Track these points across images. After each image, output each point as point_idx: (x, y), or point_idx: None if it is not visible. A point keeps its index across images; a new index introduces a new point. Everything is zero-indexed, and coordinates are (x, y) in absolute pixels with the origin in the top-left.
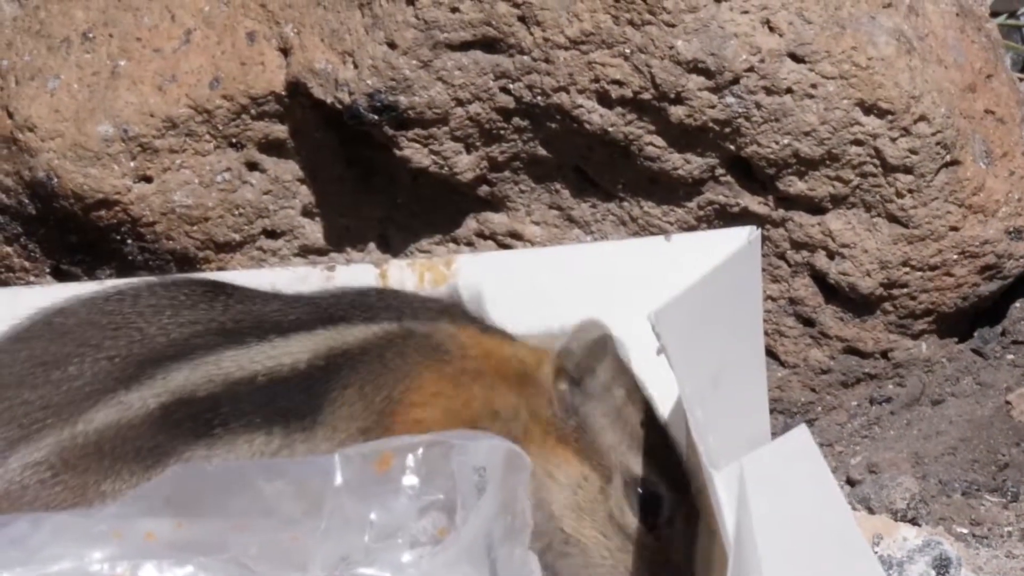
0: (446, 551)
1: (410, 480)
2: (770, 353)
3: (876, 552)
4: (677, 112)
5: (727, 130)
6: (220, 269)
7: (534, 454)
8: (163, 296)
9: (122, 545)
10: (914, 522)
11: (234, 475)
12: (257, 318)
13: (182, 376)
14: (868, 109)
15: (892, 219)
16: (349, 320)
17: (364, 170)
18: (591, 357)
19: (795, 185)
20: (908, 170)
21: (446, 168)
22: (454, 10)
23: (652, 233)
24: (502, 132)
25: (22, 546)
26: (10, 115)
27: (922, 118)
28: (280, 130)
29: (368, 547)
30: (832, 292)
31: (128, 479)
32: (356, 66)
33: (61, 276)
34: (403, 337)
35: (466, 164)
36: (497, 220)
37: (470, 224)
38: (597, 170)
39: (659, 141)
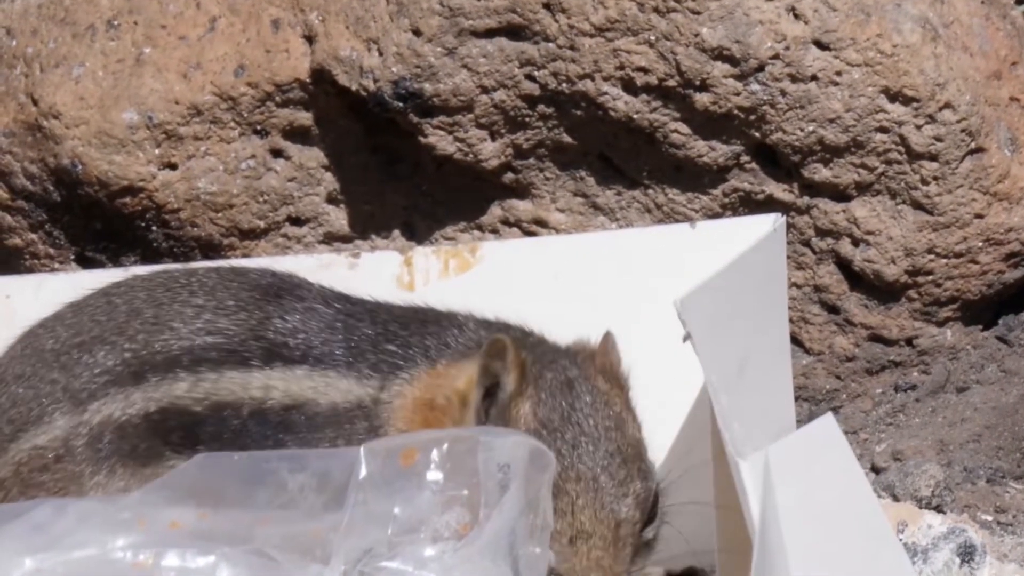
0: (468, 546)
1: (434, 475)
2: (795, 340)
3: (901, 539)
4: (702, 99)
5: (752, 117)
6: (244, 256)
7: None
8: (215, 294)
9: (146, 533)
10: (939, 509)
11: (259, 466)
12: (275, 342)
13: (185, 386)
14: (893, 96)
15: (917, 206)
16: (346, 369)
17: (389, 157)
18: (496, 369)
19: (820, 172)
20: (933, 157)
21: (471, 155)
22: None
23: (677, 220)
24: (527, 119)
25: (46, 532)
26: (35, 102)
27: (947, 105)
28: (305, 117)
29: (391, 541)
30: (857, 279)
31: (120, 475)
32: (381, 53)
33: (86, 263)
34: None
35: (491, 151)
36: (522, 207)
37: (495, 211)
38: (622, 157)
39: (684, 128)
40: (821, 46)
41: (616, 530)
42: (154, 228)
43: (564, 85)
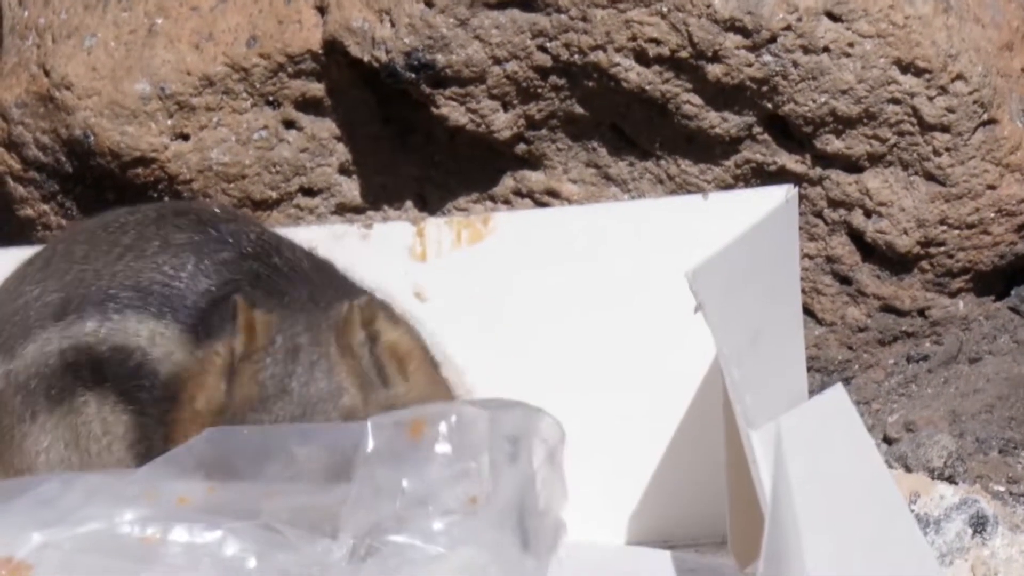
0: (477, 519)
1: (443, 448)
2: (807, 311)
3: (913, 510)
4: (714, 70)
5: (764, 88)
6: None
7: None
8: (143, 234)
9: (153, 507)
10: (951, 480)
11: (268, 440)
12: (180, 291)
13: (92, 325)
14: (905, 68)
15: (929, 177)
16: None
17: (401, 128)
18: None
19: (832, 143)
20: (945, 128)
21: (483, 126)
22: None
23: (689, 191)
24: (539, 90)
25: (53, 506)
26: (47, 73)
27: (959, 77)
28: (317, 88)
29: (399, 514)
30: (869, 250)
31: (41, 419)
32: (393, 24)
33: None
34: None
35: (503, 122)
36: (534, 178)
37: (507, 182)
38: (634, 128)
39: (696, 99)
40: (833, 17)
41: None
42: (166, 199)
43: (576, 56)
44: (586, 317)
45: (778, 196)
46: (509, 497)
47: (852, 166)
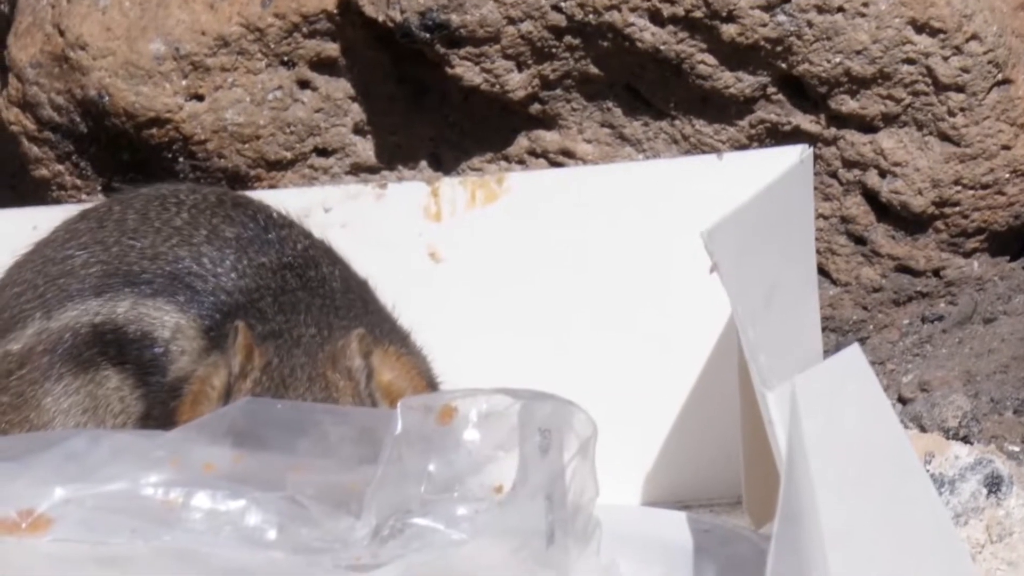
0: (502, 508)
1: (471, 435)
2: (822, 271)
3: (928, 470)
4: (729, 30)
5: (779, 48)
6: (271, 187)
7: None
8: (196, 221)
9: (179, 471)
10: (966, 440)
11: (303, 415)
12: (210, 289)
13: (126, 305)
14: (920, 28)
15: (944, 138)
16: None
17: (416, 88)
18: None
19: (847, 104)
20: (960, 89)
21: (498, 86)
22: None
23: (704, 151)
24: (554, 50)
25: (78, 462)
26: (62, 33)
27: (974, 37)
28: (332, 48)
29: (424, 498)
30: (884, 210)
31: (65, 381)
32: None
33: (112, 194)
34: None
35: (518, 82)
36: (549, 138)
37: (522, 142)
38: (649, 88)
39: (711, 59)
40: None
41: None
42: (181, 159)
43: (591, 16)
44: (601, 277)
45: (793, 156)
46: (536, 488)
47: (867, 126)
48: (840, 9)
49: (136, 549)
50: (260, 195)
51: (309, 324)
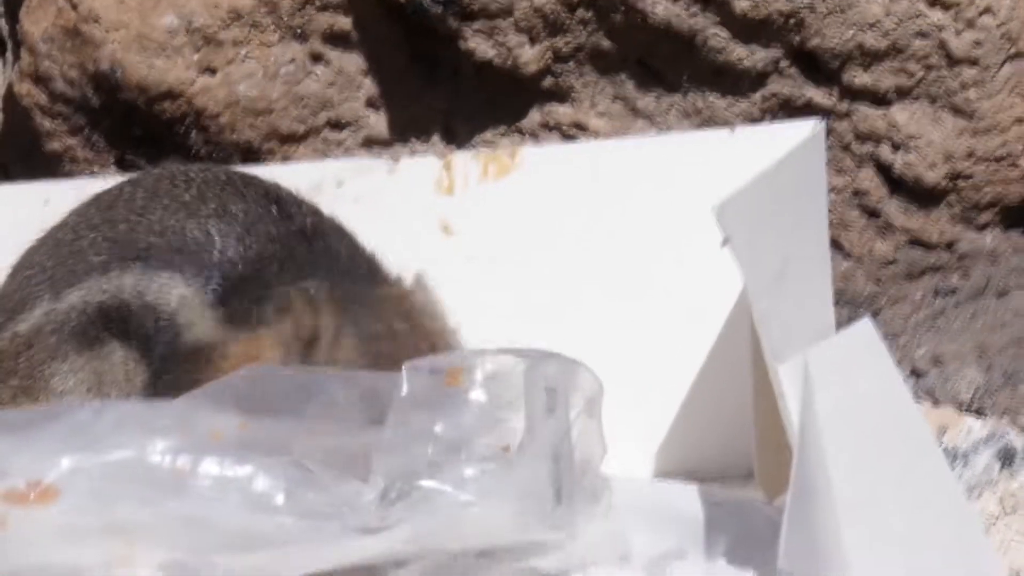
0: (509, 468)
1: (478, 396)
2: (835, 245)
3: (941, 444)
4: (741, 4)
5: (791, 22)
6: (285, 160)
7: None
8: (203, 196)
9: (185, 439)
10: (979, 413)
11: (309, 381)
12: (217, 260)
13: (131, 280)
14: (933, 1)
15: (957, 111)
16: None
17: (428, 62)
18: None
19: (860, 77)
20: (973, 62)
21: (510, 60)
22: None
23: (717, 125)
24: (566, 23)
25: (84, 433)
26: (74, 7)
27: (987, 10)
28: (344, 22)
29: (431, 460)
30: (897, 184)
31: (71, 359)
32: None
33: (125, 167)
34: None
35: (530, 56)
36: (562, 111)
37: (535, 116)
38: (662, 62)
39: (723, 33)
40: None
41: None
42: (193, 133)
43: None
44: (613, 250)
45: (805, 130)
46: (543, 447)
47: (879, 100)
48: None
49: (144, 517)
50: (272, 169)
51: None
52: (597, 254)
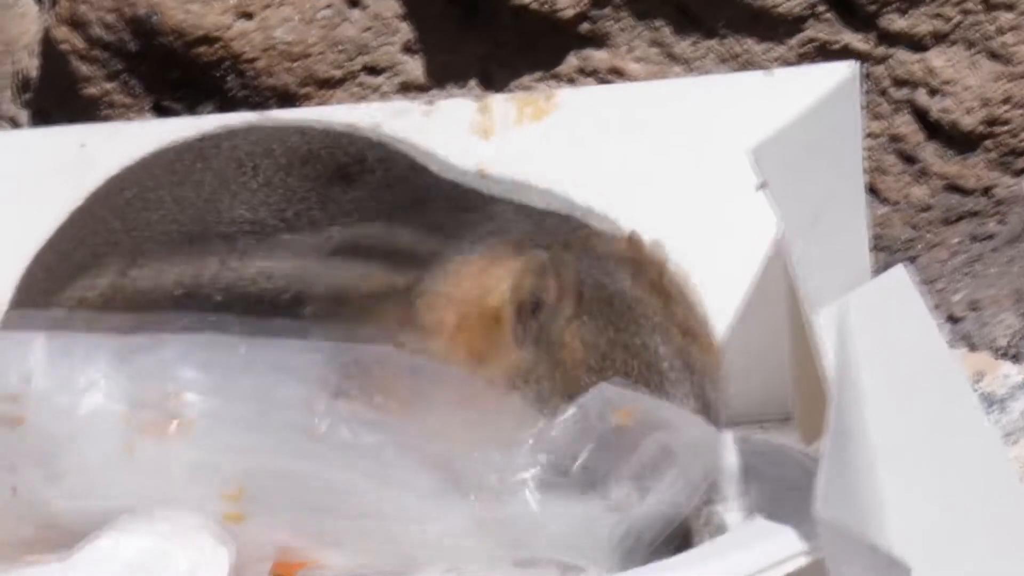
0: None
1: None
2: (871, 190)
3: (977, 389)
4: None
5: None
6: (321, 105)
7: None
8: (271, 181)
9: (323, 399)
10: (1016, 359)
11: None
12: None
13: (213, 270)
14: None
15: (993, 56)
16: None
17: (465, 7)
18: (533, 287)
19: (896, 22)
20: (1009, 7)
21: (547, 5)
22: None
23: (753, 70)
24: None
25: (223, 370)
26: None
27: None
28: None
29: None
30: (934, 129)
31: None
32: None
33: (162, 112)
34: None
35: (567, 1)
36: (598, 57)
37: (571, 61)
38: (699, 7)
39: None
40: None
41: None
42: (230, 78)
43: None
44: (648, 193)
45: (841, 72)
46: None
47: (917, 45)
48: None
49: (274, 465)
50: (308, 112)
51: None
52: (632, 197)
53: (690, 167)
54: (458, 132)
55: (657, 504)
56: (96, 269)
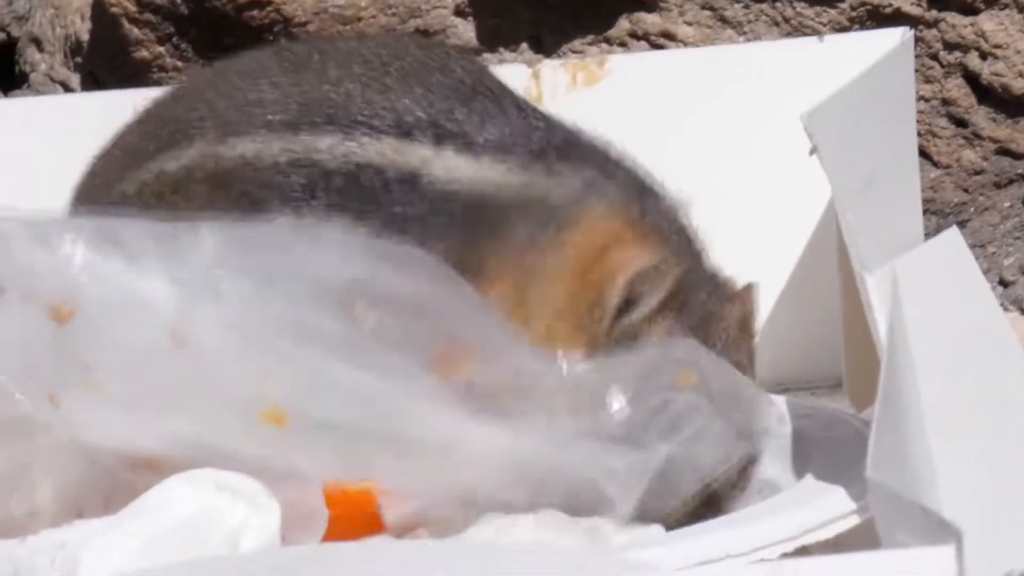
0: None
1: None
2: (923, 154)
3: None
4: None
5: None
6: None
7: None
8: (411, 87)
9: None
10: None
11: None
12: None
13: (329, 141)
14: None
15: None
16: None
17: None
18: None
19: None
20: None
21: None
22: None
23: (805, 34)
24: None
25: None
26: None
27: None
28: None
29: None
30: (985, 93)
31: (217, 215)
32: None
33: None
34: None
35: None
36: (650, 20)
37: (623, 24)
38: None
39: None
40: None
41: None
42: (282, 41)
43: None
44: (701, 158)
45: (894, 38)
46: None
47: (968, 8)
48: None
49: (318, 368)
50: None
51: None
52: (685, 162)
53: (743, 132)
54: None
55: (688, 452)
56: (185, 141)
